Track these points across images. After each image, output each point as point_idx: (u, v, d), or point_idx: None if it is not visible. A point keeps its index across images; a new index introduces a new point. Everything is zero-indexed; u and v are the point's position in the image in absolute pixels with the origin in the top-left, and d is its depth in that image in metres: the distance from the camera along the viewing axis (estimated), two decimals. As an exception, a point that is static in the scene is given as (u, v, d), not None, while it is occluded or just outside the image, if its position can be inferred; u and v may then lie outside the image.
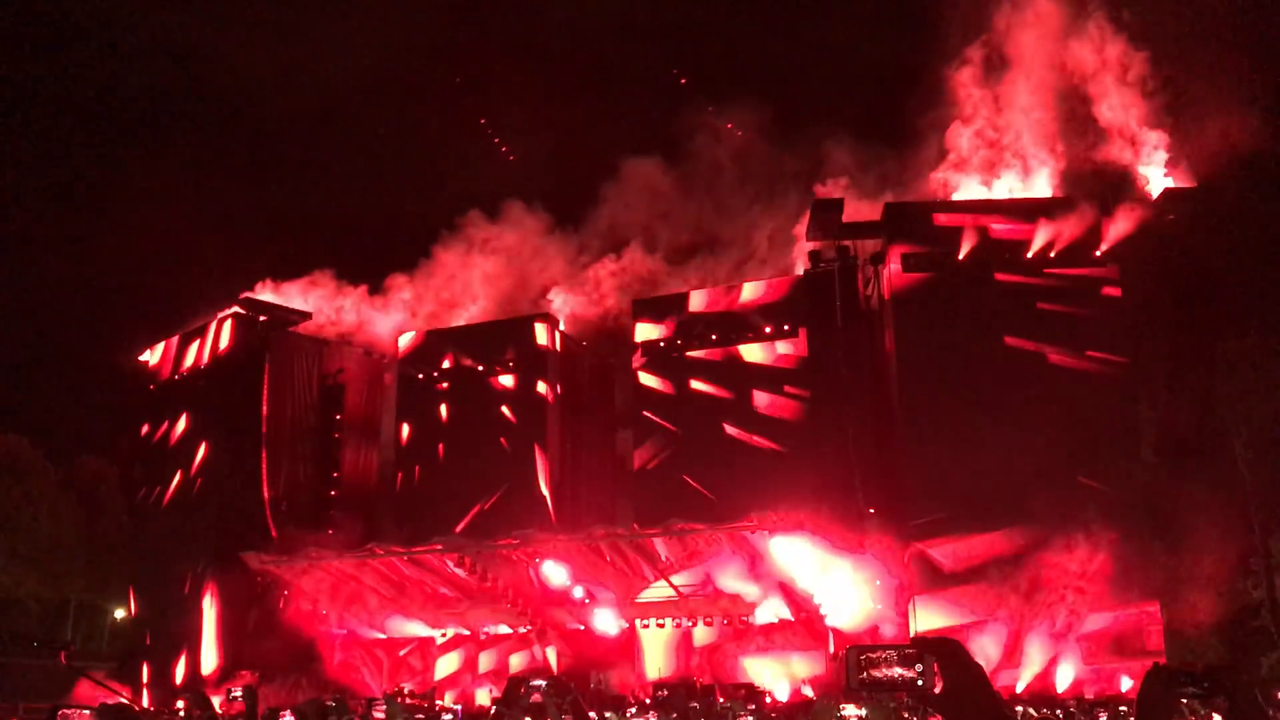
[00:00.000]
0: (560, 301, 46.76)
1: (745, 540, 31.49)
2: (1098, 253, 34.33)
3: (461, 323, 46.46)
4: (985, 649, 29.17)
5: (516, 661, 36.16)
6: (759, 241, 44.21)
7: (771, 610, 32.98)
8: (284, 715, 10.17)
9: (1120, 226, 34.45)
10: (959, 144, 38.72)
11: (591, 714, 8.54)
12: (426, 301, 48.29)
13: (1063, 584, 30.06)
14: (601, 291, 45.87)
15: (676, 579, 33.49)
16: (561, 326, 43.89)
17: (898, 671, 2.83)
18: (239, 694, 19.03)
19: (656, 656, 34.73)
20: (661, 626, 34.44)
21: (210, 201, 55.47)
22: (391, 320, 47.57)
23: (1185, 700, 3.81)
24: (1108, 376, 32.69)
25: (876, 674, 2.85)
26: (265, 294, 46.79)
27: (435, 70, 57.81)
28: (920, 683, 2.79)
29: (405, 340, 45.00)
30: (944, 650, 2.76)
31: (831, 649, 32.42)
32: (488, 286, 48.00)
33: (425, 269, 49.02)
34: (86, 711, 3.16)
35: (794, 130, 46.64)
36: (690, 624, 34.13)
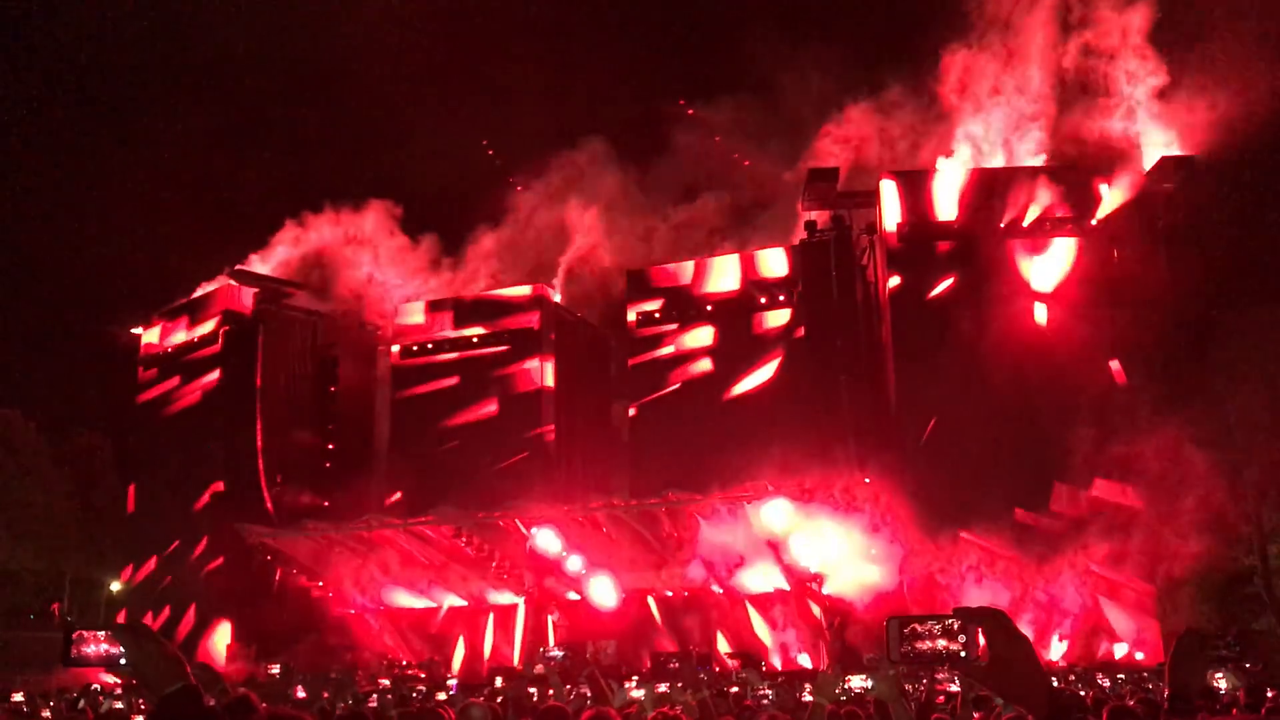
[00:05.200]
0: (576, 262, 45.92)
1: (740, 509, 31.61)
2: (1092, 220, 34.34)
3: (477, 290, 45.82)
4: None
5: (516, 634, 36.33)
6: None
7: (765, 578, 33.12)
8: (297, 689, 10.19)
9: (1115, 194, 34.45)
10: (954, 107, 38.56)
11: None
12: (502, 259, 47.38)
13: (1059, 551, 30.22)
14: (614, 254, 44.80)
15: (672, 549, 33.65)
16: (558, 297, 43.77)
17: (941, 644, 2.80)
18: (276, 671, 19.25)
19: (648, 626, 34.90)
20: (656, 596, 34.59)
21: (206, 173, 55.04)
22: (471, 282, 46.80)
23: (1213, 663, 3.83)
24: (1101, 343, 32.73)
25: (920, 646, 2.82)
26: (259, 265, 46.52)
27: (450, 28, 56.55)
28: (964, 654, 2.77)
29: (403, 311, 44.89)
30: (989, 621, 2.73)
31: (822, 617, 32.57)
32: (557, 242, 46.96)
33: (510, 222, 47.97)
34: (101, 633, 3.11)
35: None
36: (686, 594, 34.28)
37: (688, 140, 47.60)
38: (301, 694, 9.79)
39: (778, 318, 38.18)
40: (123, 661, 3.08)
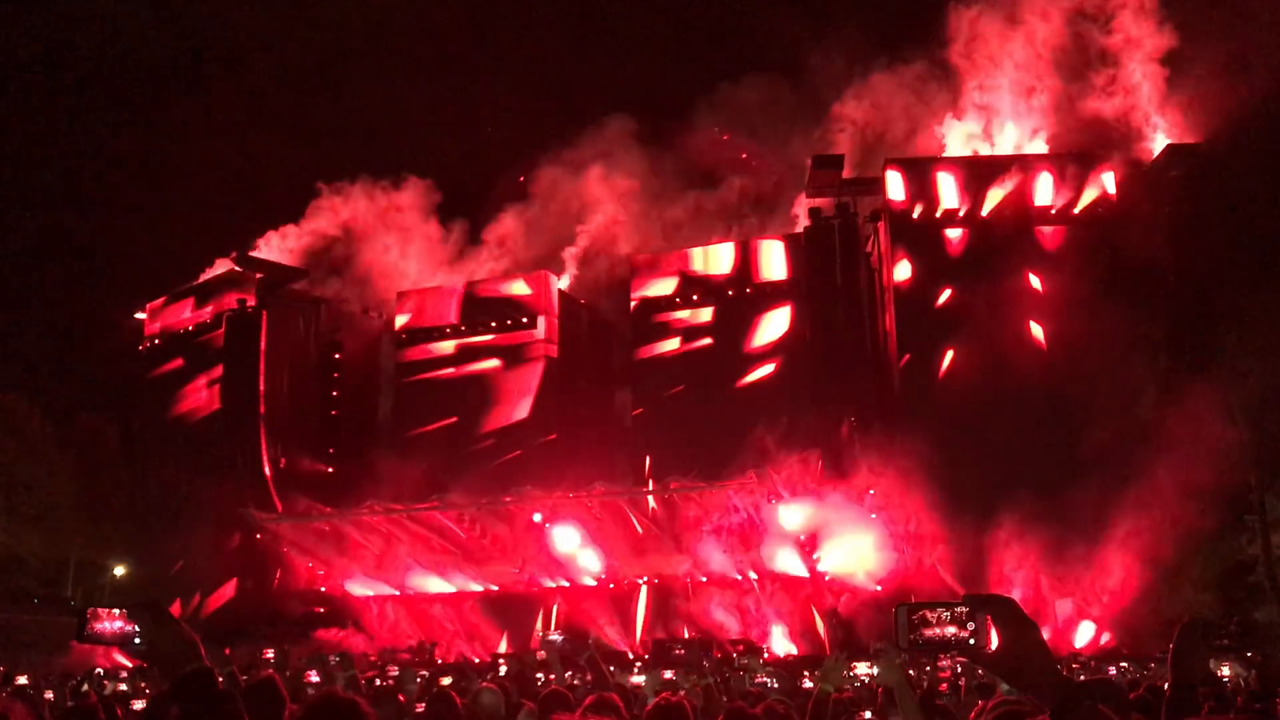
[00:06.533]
0: (588, 247, 45.75)
1: (744, 498, 31.58)
2: (1100, 208, 34.21)
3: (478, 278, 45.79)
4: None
5: (517, 618, 36.35)
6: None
7: (766, 564, 33.09)
8: (309, 673, 10.19)
9: (1123, 182, 34.30)
10: (961, 96, 38.43)
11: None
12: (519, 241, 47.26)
13: (1062, 539, 30.15)
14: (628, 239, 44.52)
15: (673, 536, 33.64)
16: (562, 285, 43.71)
17: (951, 630, 2.76)
18: (271, 655, 19.25)
19: (650, 613, 34.91)
20: (657, 583, 34.59)
21: (213, 159, 54.98)
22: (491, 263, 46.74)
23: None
24: (1107, 331, 32.59)
25: (928, 633, 2.79)
26: (267, 251, 46.53)
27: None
28: (973, 642, 2.73)
29: (408, 298, 44.86)
30: (998, 608, 2.71)
31: (826, 605, 32.57)
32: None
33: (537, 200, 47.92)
34: (117, 611, 3.05)
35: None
36: (687, 580, 34.26)
37: (708, 123, 47.56)
38: (315, 678, 9.79)
39: (783, 306, 38.12)
40: (137, 641, 3.02)
